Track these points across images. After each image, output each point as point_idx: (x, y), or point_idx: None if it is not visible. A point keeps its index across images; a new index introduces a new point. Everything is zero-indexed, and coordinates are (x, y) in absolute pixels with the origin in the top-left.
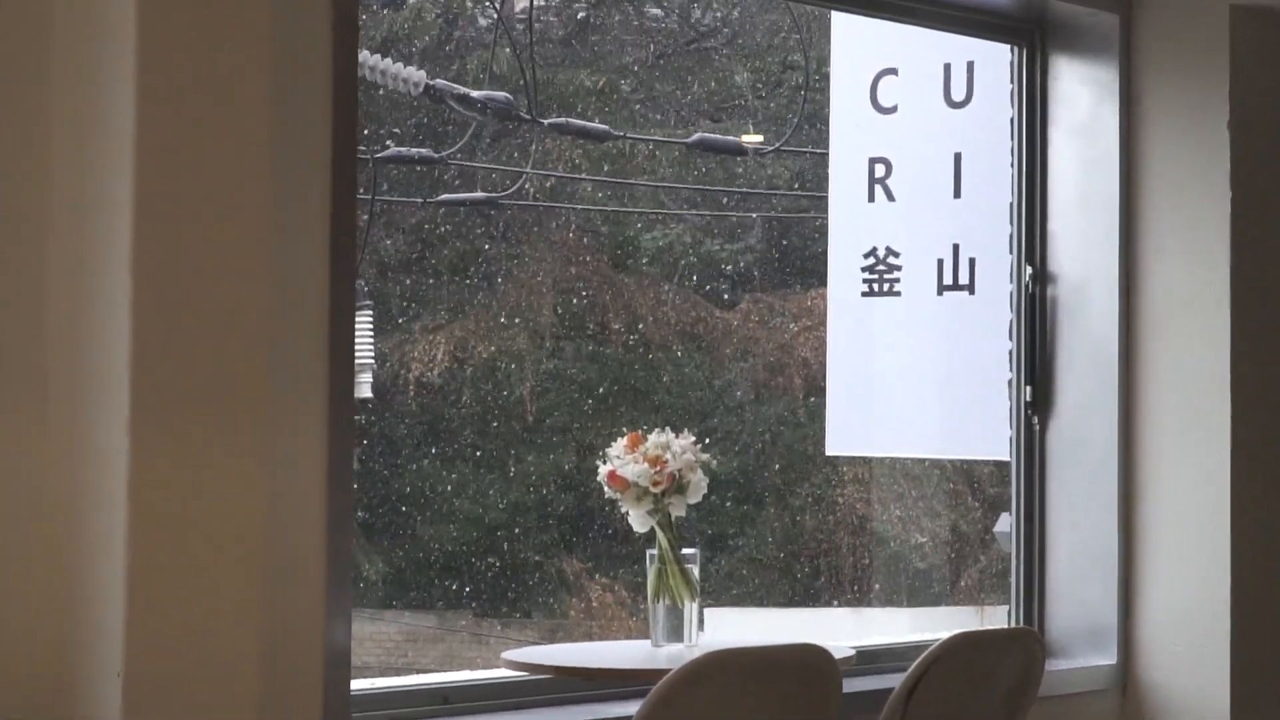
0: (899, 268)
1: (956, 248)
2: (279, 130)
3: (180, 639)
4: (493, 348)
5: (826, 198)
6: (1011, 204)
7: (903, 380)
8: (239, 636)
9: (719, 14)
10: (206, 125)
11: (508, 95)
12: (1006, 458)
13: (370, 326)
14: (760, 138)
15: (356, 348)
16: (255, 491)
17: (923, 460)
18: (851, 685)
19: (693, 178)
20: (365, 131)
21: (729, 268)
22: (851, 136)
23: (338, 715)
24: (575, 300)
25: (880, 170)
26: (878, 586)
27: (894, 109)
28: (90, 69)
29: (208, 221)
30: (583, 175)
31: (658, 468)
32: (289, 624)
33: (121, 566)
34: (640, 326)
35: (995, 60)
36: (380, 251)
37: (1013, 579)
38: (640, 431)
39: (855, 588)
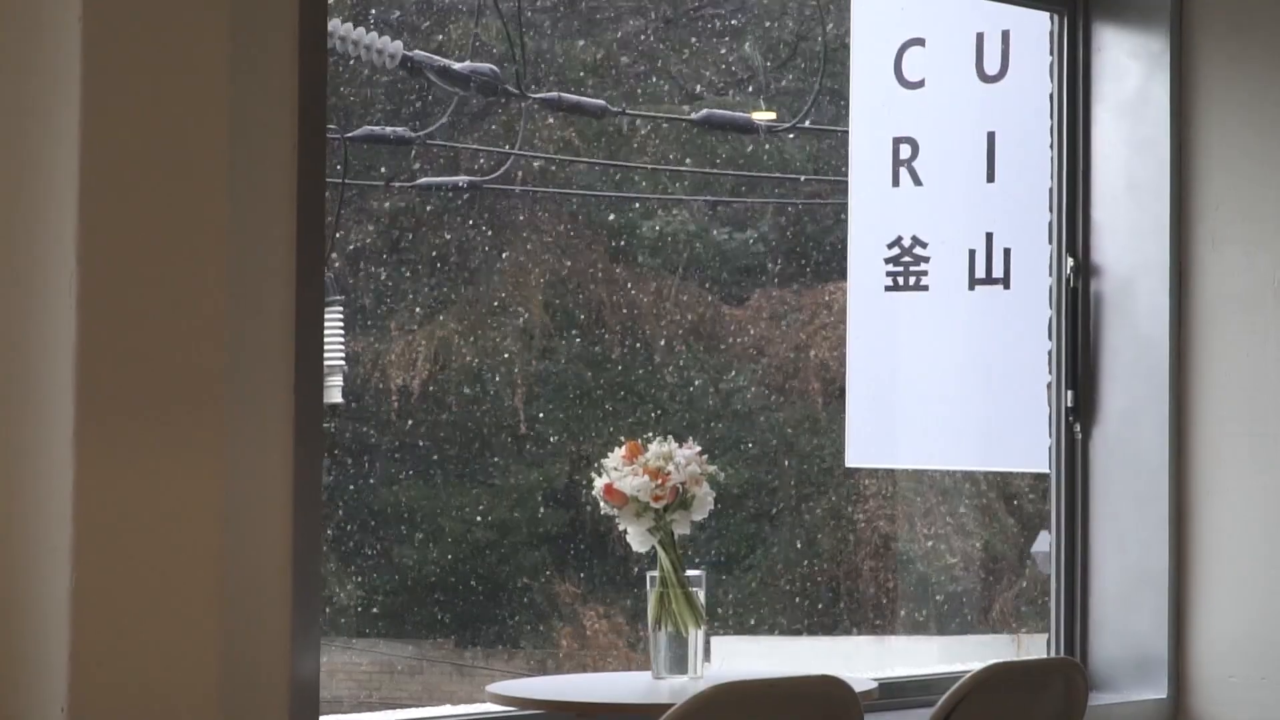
0: (926, 259)
1: (990, 237)
2: (240, 107)
3: (130, 670)
4: (476, 348)
5: (846, 181)
6: (1051, 189)
7: (931, 384)
8: (195, 668)
9: None
10: (159, 101)
11: (494, 68)
12: (1046, 470)
13: (341, 325)
14: (773, 115)
15: (325, 348)
16: (213, 507)
17: (953, 473)
18: None
19: (699, 159)
20: (335, 108)
21: (738, 257)
22: (874, 114)
23: None
24: (568, 296)
25: (906, 151)
26: (903, 612)
27: (921, 84)
28: (31, 39)
29: (160, 208)
30: (577, 156)
31: (659, 481)
32: (251, 654)
33: (65, 590)
34: (640, 324)
35: (1033, 29)
36: (352, 241)
37: (1052, 604)
38: (640, 440)
39: (878, 614)
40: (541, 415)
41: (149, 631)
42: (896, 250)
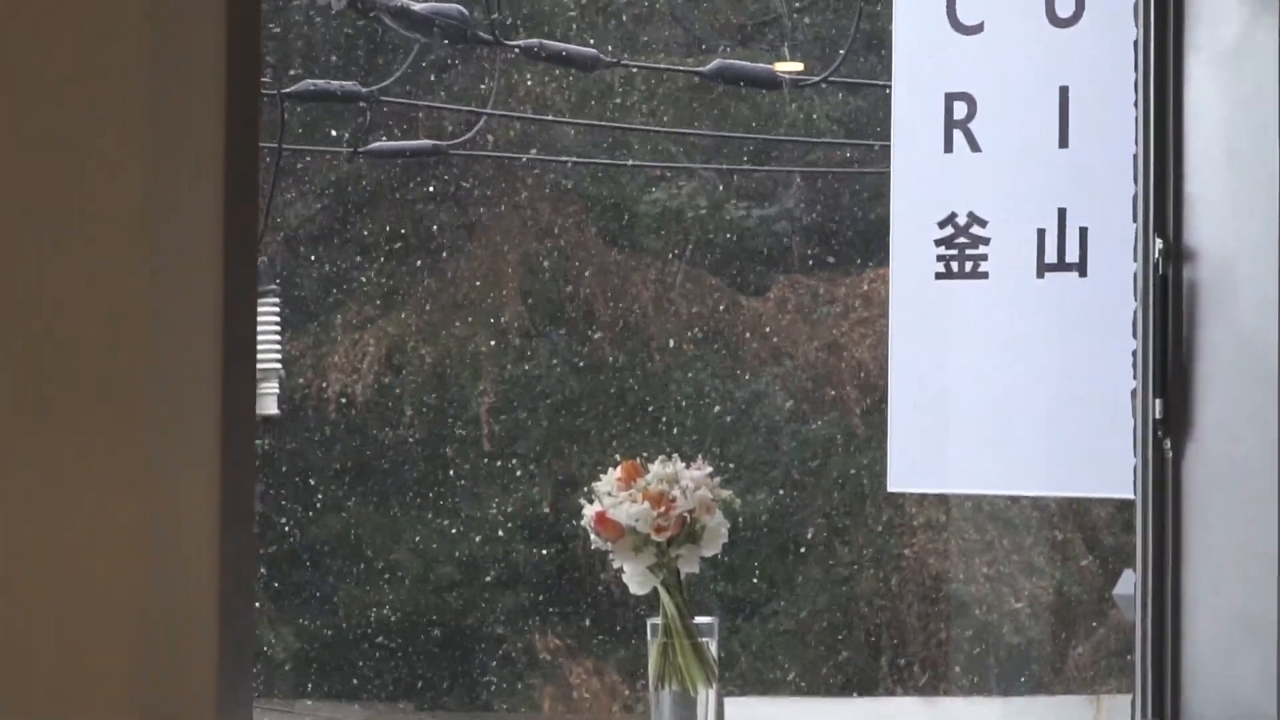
0: (985, 240)
1: (1062, 214)
2: (157, 58)
3: None
4: (439, 348)
5: (889, 146)
6: (1135, 156)
7: (990, 391)
8: None
9: None
10: (62, 53)
11: (461, 9)
12: (1129, 495)
13: (276, 319)
14: (800, 66)
15: (258, 348)
16: (125, 540)
17: (1018, 499)
18: None
19: (709, 120)
20: (271, 57)
21: (757, 238)
22: (922, 65)
23: None
24: (551, 285)
25: (961, 110)
26: (958, 668)
27: (979, 28)
28: None
29: (63, 177)
30: (562, 117)
31: (662, 508)
32: (171, 719)
33: None
34: (638, 320)
35: None
36: (290, 219)
37: (1138, 657)
38: (639, 460)
39: (927, 669)
40: (518, 430)
41: (48, 692)
42: (949, 230)
